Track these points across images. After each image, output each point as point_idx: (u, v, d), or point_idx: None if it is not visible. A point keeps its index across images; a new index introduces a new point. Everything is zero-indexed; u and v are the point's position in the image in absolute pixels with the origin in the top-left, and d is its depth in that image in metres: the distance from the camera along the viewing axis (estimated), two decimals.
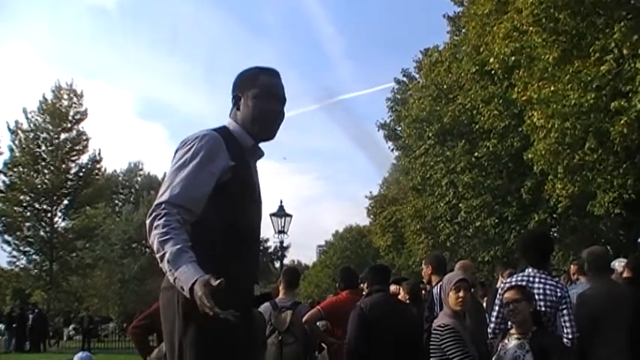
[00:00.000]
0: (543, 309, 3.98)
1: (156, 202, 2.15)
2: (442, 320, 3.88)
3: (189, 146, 2.25)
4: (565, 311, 3.99)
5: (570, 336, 3.93)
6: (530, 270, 4.21)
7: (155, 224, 2.08)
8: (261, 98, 2.40)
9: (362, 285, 5.31)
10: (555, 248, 14.29)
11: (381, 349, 4.42)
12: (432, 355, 3.85)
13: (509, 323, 3.85)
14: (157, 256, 2.05)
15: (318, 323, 5.42)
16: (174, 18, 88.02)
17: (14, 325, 22.51)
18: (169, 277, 2.04)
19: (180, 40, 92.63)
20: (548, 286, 4.06)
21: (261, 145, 2.50)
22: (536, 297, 4.00)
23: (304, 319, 5.24)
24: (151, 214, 2.12)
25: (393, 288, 5.80)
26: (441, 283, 4.43)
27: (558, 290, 4.06)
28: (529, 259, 4.31)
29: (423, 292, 6.26)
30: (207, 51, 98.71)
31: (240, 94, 2.44)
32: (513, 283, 4.11)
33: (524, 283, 4.08)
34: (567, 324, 3.96)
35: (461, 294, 3.87)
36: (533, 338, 3.61)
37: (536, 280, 4.11)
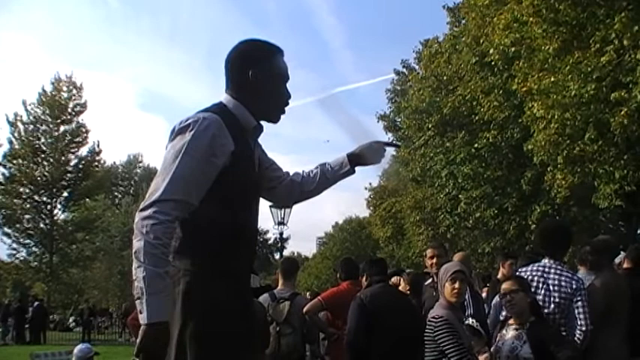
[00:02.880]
0: (557, 300, 3.94)
1: (150, 200, 1.98)
2: (436, 312, 3.82)
3: (187, 132, 2.07)
4: (580, 303, 3.93)
5: (584, 328, 3.88)
6: (546, 261, 4.16)
7: (145, 230, 1.92)
8: (277, 79, 2.32)
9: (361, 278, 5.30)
10: None
11: (381, 340, 4.42)
12: (426, 346, 3.80)
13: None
14: (135, 260, 1.92)
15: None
16: (175, 7, 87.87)
17: (10, 319, 22.50)
18: (136, 290, 1.91)
19: (181, 31, 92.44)
20: (563, 278, 4.01)
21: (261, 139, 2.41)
22: (551, 288, 3.97)
23: (305, 309, 5.25)
24: (143, 211, 1.97)
25: (393, 279, 5.79)
26: None
27: (574, 282, 4.00)
28: (546, 250, 4.25)
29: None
30: (208, 41, 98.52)
31: (250, 70, 2.25)
32: (522, 273, 4.08)
33: (539, 274, 4.05)
34: (581, 316, 3.91)
35: (457, 285, 3.80)
36: (531, 329, 3.58)
37: (552, 271, 4.06)
